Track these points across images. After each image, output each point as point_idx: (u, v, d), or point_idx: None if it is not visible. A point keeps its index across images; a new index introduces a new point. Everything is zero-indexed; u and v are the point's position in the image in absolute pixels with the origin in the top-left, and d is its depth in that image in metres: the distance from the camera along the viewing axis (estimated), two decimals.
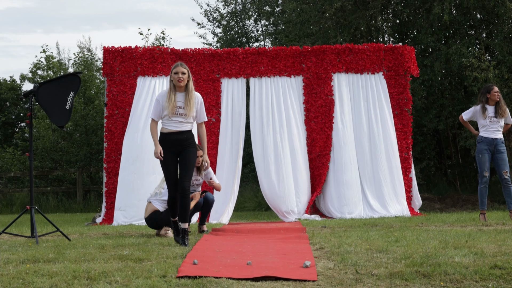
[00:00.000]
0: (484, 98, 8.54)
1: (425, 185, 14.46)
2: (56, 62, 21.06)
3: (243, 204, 14.20)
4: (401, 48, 10.80)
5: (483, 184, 8.45)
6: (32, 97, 7.14)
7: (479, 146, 8.53)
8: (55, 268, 4.80)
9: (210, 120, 10.54)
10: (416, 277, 4.33)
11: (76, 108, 17.74)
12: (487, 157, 8.47)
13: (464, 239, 6.04)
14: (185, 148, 6.22)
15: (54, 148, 17.99)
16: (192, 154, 6.23)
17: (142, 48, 10.55)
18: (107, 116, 10.42)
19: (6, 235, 7.70)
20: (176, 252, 5.72)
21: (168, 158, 6.24)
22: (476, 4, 13.19)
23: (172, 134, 6.20)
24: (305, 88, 10.69)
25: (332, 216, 10.27)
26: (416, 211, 10.56)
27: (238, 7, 21.18)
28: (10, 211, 15.47)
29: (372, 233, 6.96)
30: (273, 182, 10.17)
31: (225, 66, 10.63)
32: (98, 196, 16.29)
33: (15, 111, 21.89)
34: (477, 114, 8.57)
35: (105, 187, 10.35)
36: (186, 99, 6.17)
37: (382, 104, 10.61)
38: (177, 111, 6.15)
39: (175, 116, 6.15)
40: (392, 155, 10.47)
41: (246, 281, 4.34)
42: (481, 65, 12.70)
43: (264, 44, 21.10)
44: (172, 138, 6.19)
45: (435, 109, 14.20)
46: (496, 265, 4.57)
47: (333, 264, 4.88)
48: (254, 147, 10.46)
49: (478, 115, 8.56)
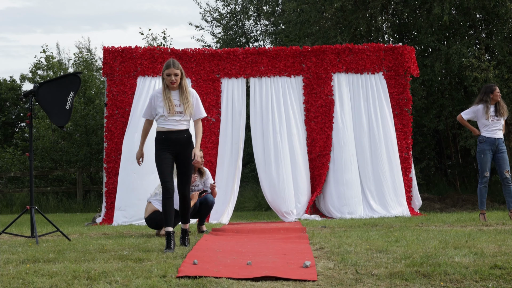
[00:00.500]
0: (487, 97, 8.52)
1: (425, 185, 14.46)
2: (56, 62, 21.06)
3: (243, 204, 14.20)
4: (401, 48, 10.80)
5: (483, 184, 8.45)
6: (32, 97, 7.14)
7: (481, 146, 8.50)
8: (55, 268, 4.80)
9: (210, 120, 10.54)
10: (416, 277, 4.33)
11: (76, 108, 17.74)
12: (489, 157, 8.46)
13: (464, 239, 6.05)
14: (185, 150, 6.00)
15: (54, 148, 18.00)
16: (190, 159, 6.00)
17: (142, 48, 10.56)
18: (107, 116, 10.42)
19: (6, 235, 7.70)
20: (176, 252, 5.72)
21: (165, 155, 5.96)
22: (476, 4, 13.19)
23: (172, 133, 5.95)
24: (305, 88, 10.69)
25: (332, 216, 10.27)
26: (416, 211, 10.56)
27: (238, 7, 21.17)
28: (10, 211, 15.47)
29: (372, 233, 6.96)
30: (273, 182, 10.18)
31: (225, 66, 10.63)
32: (98, 196, 16.29)
33: (15, 111, 21.90)
34: (479, 114, 8.54)
35: (105, 187, 10.35)
36: (182, 97, 5.95)
37: (382, 104, 10.60)
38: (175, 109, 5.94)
39: (172, 115, 5.92)
40: (392, 155, 10.47)
41: (246, 281, 4.35)
42: (481, 65, 12.70)
43: (264, 44, 21.10)
44: (173, 137, 5.96)
45: (435, 109, 14.20)
46: (496, 265, 4.57)
47: (333, 264, 4.88)
48: (254, 147, 10.47)
49: (480, 114, 8.53)
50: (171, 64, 5.91)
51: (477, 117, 8.58)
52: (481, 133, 8.55)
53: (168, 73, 5.91)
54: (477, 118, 8.58)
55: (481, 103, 8.56)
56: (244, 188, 15.03)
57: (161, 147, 6.01)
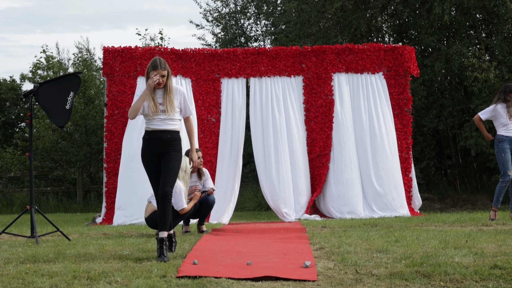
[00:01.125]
0: (506, 96, 8.49)
1: (425, 185, 14.46)
2: (56, 62, 21.06)
3: (243, 204, 14.20)
4: (401, 48, 10.80)
5: (505, 183, 8.41)
6: (32, 97, 7.14)
7: (501, 145, 8.44)
8: (55, 268, 4.80)
9: (210, 120, 10.54)
10: (416, 277, 4.33)
11: (76, 108, 17.74)
12: (509, 156, 8.43)
13: (464, 239, 6.05)
14: (167, 151, 5.60)
15: (54, 148, 17.99)
16: (176, 158, 5.64)
17: (142, 48, 10.56)
18: (107, 116, 10.42)
19: (6, 235, 7.70)
20: (176, 252, 5.72)
21: (151, 160, 5.63)
22: (476, 4, 13.18)
23: (155, 132, 5.61)
24: (305, 88, 10.69)
25: (332, 216, 10.27)
26: (416, 211, 10.56)
27: (238, 7, 21.16)
28: (10, 211, 15.48)
29: (372, 233, 6.96)
30: (273, 182, 10.17)
31: (225, 66, 10.63)
32: (98, 196, 16.29)
33: (15, 111, 21.90)
34: (498, 113, 8.49)
35: (105, 187, 10.35)
36: (165, 97, 5.64)
37: (382, 104, 10.60)
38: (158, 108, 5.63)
39: (156, 114, 5.60)
40: (392, 155, 10.46)
41: (246, 281, 4.35)
42: (481, 65, 12.70)
43: (264, 44, 21.10)
44: (155, 136, 5.60)
45: (435, 109, 14.20)
46: (496, 265, 4.57)
47: (333, 264, 4.88)
48: (254, 147, 10.46)
49: (498, 114, 8.48)
50: (158, 65, 5.63)
51: (495, 116, 8.53)
52: (498, 132, 8.52)
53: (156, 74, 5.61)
54: (495, 118, 8.53)
55: (499, 102, 8.52)
56: (244, 188, 15.02)
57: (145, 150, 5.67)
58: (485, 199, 12.66)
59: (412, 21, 14.74)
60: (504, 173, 8.42)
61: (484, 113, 8.64)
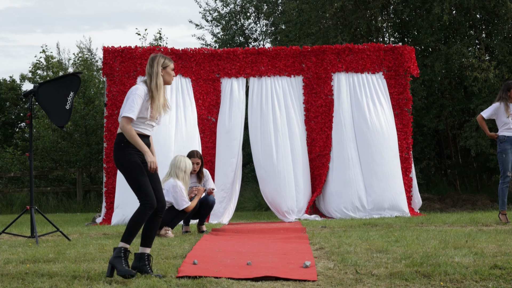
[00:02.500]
0: (505, 95, 8.47)
1: (425, 185, 14.45)
2: (56, 62, 21.06)
3: (243, 204, 14.20)
4: (401, 48, 10.80)
5: (506, 184, 8.38)
6: (32, 97, 7.14)
7: (502, 145, 8.40)
8: (55, 268, 4.80)
9: (210, 120, 10.53)
10: (416, 277, 4.33)
11: (76, 108, 17.74)
12: (511, 157, 8.40)
13: (464, 239, 6.05)
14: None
15: (54, 148, 18.00)
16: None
17: (142, 48, 10.55)
18: (107, 116, 10.42)
19: (6, 235, 7.70)
20: (176, 252, 5.72)
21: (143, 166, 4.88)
22: (476, 4, 13.18)
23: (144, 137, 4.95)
24: (305, 88, 10.69)
25: (332, 216, 10.27)
26: (416, 211, 10.56)
27: (237, 7, 21.16)
28: (10, 211, 15.48)
29: (372, 233, 6.96)
30: (273, 182, 10.16)
31: (225, 66, 10.63)
32: (98, 196, 16.29)
33: (15, 111, 21.91)
34: (499, 112, 8.45)
35: (105, 187, 10.35)
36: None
37: (382, 104, 10.60)
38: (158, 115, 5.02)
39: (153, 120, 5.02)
40: (392, 155, 10.45)
41: (246, 281, 4.34)
42: (481, 65, 12.69)
43: (263, 44, 21.09)
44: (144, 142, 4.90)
45: (435, 109, 14.20)
46: (496, 265, 4.57)
47: (333, 264, 4.88)
48: (254, 147, 10.45)
49: (500, 112, 8.44)
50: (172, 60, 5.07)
51: (497, 115, 8.49)
52: (500, 132, 8.48)
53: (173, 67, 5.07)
54: (497, 116, 8.50)
55: (500, 100, 8.50)
56: (244, 188, 15.03)
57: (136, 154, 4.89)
58: (485, 199, 12.66)
59: (412, 21, 14.74)
60: (503, 174, 8.42)
61: (486, 112, 8.60)
